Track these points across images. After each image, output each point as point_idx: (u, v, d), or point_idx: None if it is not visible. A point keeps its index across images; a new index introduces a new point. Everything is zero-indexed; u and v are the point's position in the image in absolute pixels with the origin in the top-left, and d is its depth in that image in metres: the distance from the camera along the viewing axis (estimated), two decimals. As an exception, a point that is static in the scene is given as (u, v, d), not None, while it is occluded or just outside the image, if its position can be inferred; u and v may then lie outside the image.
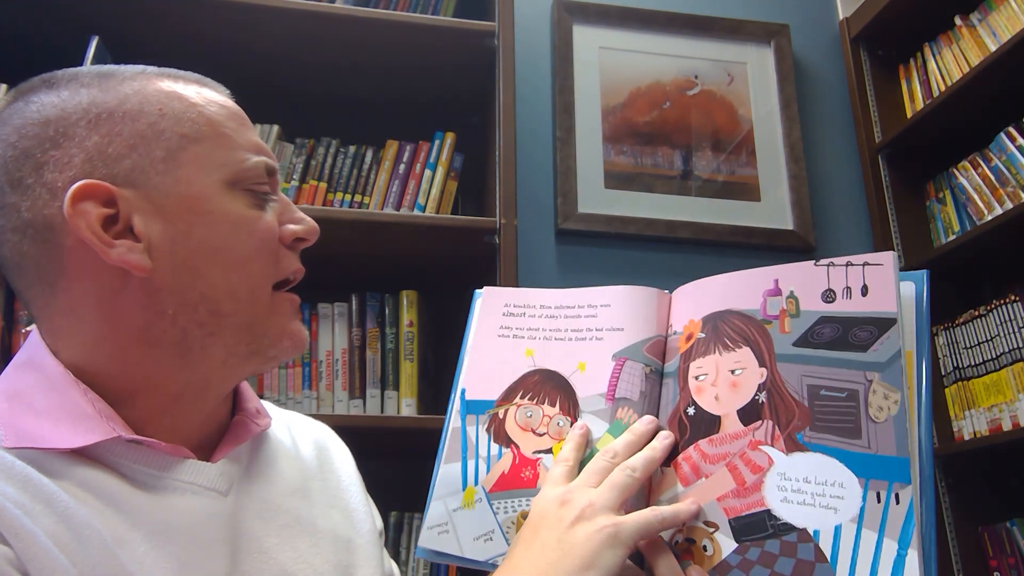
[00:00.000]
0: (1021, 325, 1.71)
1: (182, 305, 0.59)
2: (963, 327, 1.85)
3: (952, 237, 1.93)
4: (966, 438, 1.81)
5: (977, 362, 1.81)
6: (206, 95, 0.65)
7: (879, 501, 0.55)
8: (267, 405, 0.75)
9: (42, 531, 0.51)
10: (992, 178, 1.84)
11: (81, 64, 1.41)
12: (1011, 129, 1.80)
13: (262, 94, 1.73)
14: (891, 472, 0.56)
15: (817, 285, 0.63)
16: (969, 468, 1.85)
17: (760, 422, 0.61)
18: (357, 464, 0.80)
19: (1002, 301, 1.76)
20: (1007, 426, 1.71)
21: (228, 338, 0.61)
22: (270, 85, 1.72)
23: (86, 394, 0.58)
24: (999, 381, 1.75)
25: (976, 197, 1.88)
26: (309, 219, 0.67)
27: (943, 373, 1.91)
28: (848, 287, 0.62)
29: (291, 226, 0.65)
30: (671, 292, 0.72)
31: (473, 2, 1.77)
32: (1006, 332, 1.74)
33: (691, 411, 0.65)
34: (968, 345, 1.84)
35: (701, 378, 0.65)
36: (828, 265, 0.63)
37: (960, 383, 1.85)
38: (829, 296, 0.62)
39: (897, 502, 0.55)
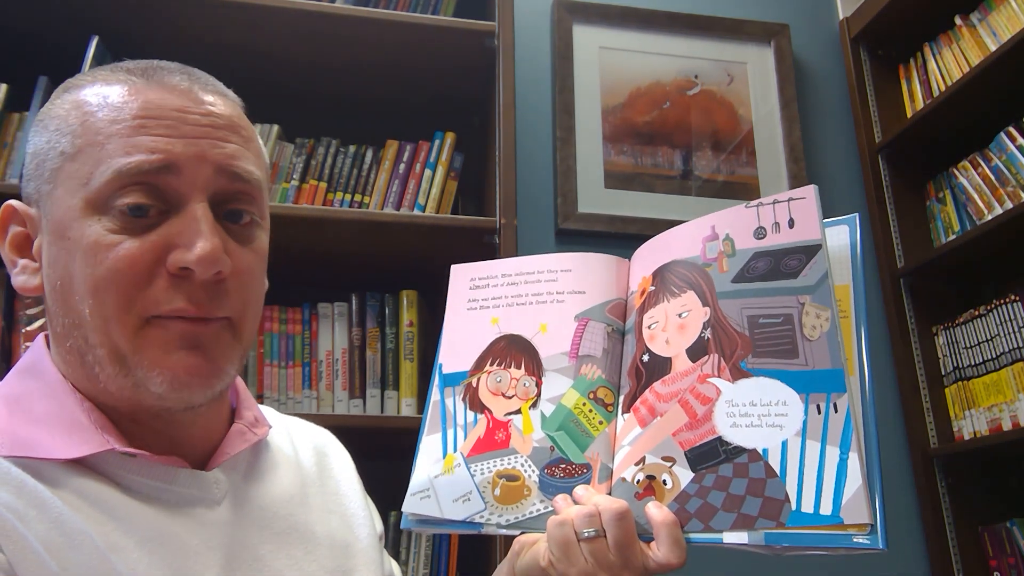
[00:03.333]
0: (1021, 325, 1.71)
1: (67, 329, 0.58)
2: (963, 327, 1.85)
3: (952, 237, 1.93)
4: (966, 438, 1.81)
5: (977, 362, 1.81)
6: (115, 96, 0.58)
7: (819, 412, 0.59)
8: (268, 412, 0.75)
9: (34, 536, 0.51)
10: (992, 178, 1.84)
11: (81, 64, 1.41)
12: (1011, 129, 1.80)
13: (262, 94, 1.71)
14: (828, 384, 0.60)
15: (749, 225, 0.67)
16: (969, 468, 1.85)
17: (707, 357, 0.65)
18: (357, 464, 0.80)
19: (1002, 301, 1.76)
20: (1007, 426, 1.71)
21: (108, 368, 0.57)
22: (270, 85, 1.72)
23: (82, 404, 0.58)
24: (999, 381, 1.75)
25: (976, 197, 1.87)
26: (206, 247, 0.55)
27: (943, 373, 1.90)
28: (776, 222, 0.66)
29: (176, 253, 0.56)
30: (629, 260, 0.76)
31: (473, 2, 1.77)
32: (1006, 332, 1.74)
33: (646, 358, 0.69)
34: (968, 345, 1.84)
35: (653, 326, 0.69)
36: (757, 206, 0.68)
37: (960, 383, 1.85)
38: (760, 233, 0.67)
39: (836, 410, 0.59)
